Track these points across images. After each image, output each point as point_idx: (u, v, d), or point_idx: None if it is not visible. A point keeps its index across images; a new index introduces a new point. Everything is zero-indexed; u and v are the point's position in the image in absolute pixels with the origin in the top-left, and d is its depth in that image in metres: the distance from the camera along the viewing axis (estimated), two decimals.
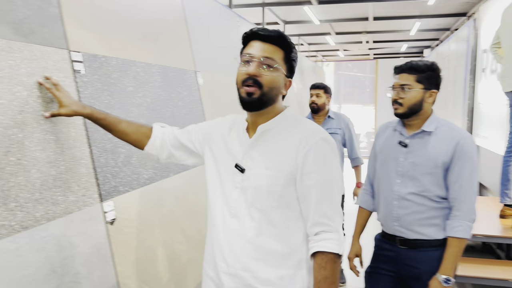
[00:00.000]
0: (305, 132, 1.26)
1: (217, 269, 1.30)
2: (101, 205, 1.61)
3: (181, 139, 1.48)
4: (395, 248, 1.88)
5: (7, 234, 1.20)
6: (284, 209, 1.26)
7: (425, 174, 1.78)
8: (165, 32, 2.39)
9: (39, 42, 1.43)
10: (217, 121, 1.47)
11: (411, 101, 1.78)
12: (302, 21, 7.57)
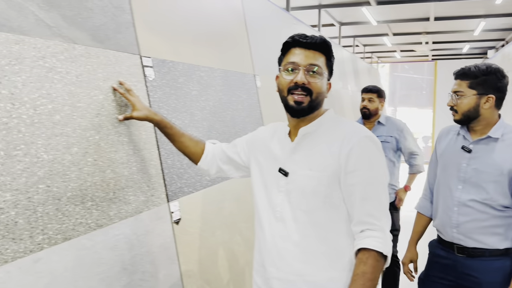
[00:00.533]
0: (347, 131, 1.26)
1: (266, 275, 1.30)
2: (168, 205, 1.66)
3: (228, 153, 1.51)
4: (452, 256, 1.81)
5: (84, 231, 1.26)
6: (329, 210, 1.24)
7: (490, 182, 1.70)
8: (226, 36, 2.43)
9: (114, 48, 1.50)
10: (260, 130, 1.51)
11: (464, 108, 1.75)
12: (359, 22, 7.42)
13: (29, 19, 1.20)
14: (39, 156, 1.15)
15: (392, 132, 3.18)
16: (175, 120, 1.79)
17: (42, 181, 1.15)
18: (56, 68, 1.25)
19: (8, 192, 1.06)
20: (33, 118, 1.16)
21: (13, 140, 1.09)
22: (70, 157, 1.24)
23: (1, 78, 1.09)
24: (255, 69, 2.76)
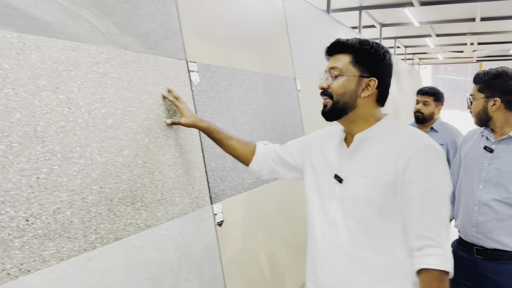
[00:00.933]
0: (406, 138, 1.21)
1: (318, 282, 1.30)
2: (212, 207, 1.68)
3: (282, 154, 1.51)
4: (472, 257, 1.81)
5: (134, 231, 1.30)
6: (385, 221, 1.21)
7: (510, 181, 1.71)
8: (268, 40, 2.44)
9: (162, 54, 1.54)
10: (315, 134, 1.49)
11: (474, 111, 1.85)
12: (400, 24, 7.26)
13: (84, 26, 1.26)
14: (93, 158, 1.20)
15: (445, 139, 2.94)
16: (219, 123, 1.82)
17: (96, 182, 1.20)
18: (109, 74, 1.30)
19: (65, 193, 1.12)
20: (87, 121, 1.21)
21: (69, 143, 1.15)
22: (121, 159, 1.29)
23: (59, 83, 1.15)
24: (296, 72, 2.76)
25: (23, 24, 1.08)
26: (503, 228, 1.72)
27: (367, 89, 1.24)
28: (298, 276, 2.31)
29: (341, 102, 1.25)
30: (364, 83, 1.25)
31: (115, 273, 1.22)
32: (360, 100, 1.26)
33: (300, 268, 2.32)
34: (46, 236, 1.05)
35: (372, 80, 1.24)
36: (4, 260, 0.96)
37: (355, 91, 1.25)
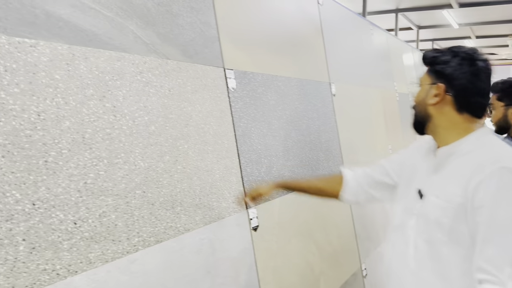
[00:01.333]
0: (483, 158, 1.10)
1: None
2: (247, 212, 1.71)
3: (376, 176, 1.45)
4: None
5: (173, 235, 1.34)
6: (454, 246, 1.12)
7: None
8: (303, 46, 2.45)
9: (201, 62, 1.58)
10: (413, 145, 1.43)
11: (494, 119, 1.89)
12: (438, 26, 7.09)
13: (128, 37, 1.31)
14: (136, 164, 1.25)
15: None
16: (254, 129, 1.84)
17: (139, 187, 1.25)
18: (151, 83, 1.35)
19: (110, 197, 1.17)
20: (132, 129, 1.26)
21: (115, 149, 1.20)
22: (162, 165, 1.33)
23: (105, 92, 1.20)
24: (331, 76, 2.75)
25: (72, 36, 1.14)
26: None
27: (437, 96, 1.18)
28: (332, 283, 2.30)
29: (417, 113, 1.24)
30: (432, 89, 1.19)
31: (156, 275, 1.26)
32: (432, 109, 1.20)
33: (334, 275, 2.31)
34: (92, 238, 1.10)
35: (438, 85, 1.17)
36: (54, 261, 1.01)
37: (424, 99, 1.21)
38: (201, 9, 1.62)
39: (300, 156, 2.19)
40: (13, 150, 0.96)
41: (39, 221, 0.99)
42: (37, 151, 1.01)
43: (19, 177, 0.96)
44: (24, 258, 0.95)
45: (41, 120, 1.03)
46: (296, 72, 2.30)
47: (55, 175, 1.04)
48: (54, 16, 1.10)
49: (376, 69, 3.75)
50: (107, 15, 1.24)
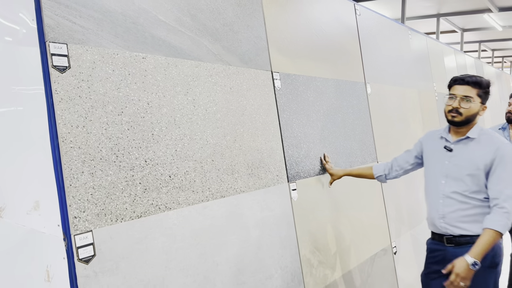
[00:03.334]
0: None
1: None
2: (288, 185, 2.18)
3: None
4: (443, 247, 2.06)
5: (233, 193, 1.84)
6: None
7: (468, 175, 1.96)
8: (340, 51, 2.88)
9: (254, 67, 2.08)
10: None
11: (470, 112, 2.00)
12: (483, 28, 7.19)
13: (203, 50, 1.83)
14: (208, 140, 1.76)
15: None
16: (295, 120, 2.31)
17: (209, 156, 1.76)
18: (218, 83, 1.86)
19: (191, 162, 1.68)
20: (205, 115, 1.77)
21: (194, 129, 1.71)
22: (225, 142, 1.84)
23: (188, 89, 1.72)
24: (366, 77, 3.16)
25: (167, 51, 1.67)
26: (466, 217, 1.98)
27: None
28: (362, 251, 2.71)
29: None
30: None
31: (220, 220, 1.77)
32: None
33: (364, 246, 2.72)
34: (180, 188, 1.62)
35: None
36: (157, 200, 1.54)
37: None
38: (254, 26, 2.12)
39: (335, 144, 2.63)
40: (134, 125, 1.50)
41: (149, 172, 1.52)
42: (147, 127, 1.54)
43: (137, 143, 1.50)
44: (140, 195, 1.48)
45: (149, 107, 1.56)
46: (333, 74, 2.74)
47: (158, 143, 1.57)
48: (156, 37, 1.63)
49: (414, 70, 4.08)
50: (189, 35, 1.77)
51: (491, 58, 9.75)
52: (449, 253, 2.05)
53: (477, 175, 1.96)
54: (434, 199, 2.11)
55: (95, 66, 1.38)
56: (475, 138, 2.01)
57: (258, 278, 1.89)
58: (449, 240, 2.05)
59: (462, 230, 2.00)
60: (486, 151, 1.96)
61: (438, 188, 2.08)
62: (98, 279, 1.29)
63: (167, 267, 1.51)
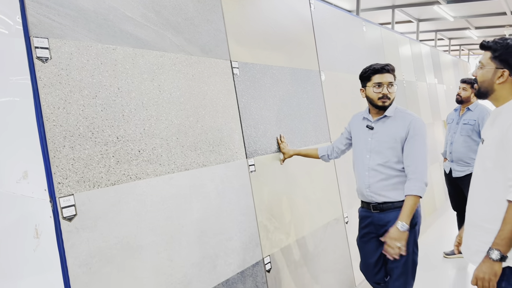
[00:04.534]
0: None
1: None
2: (247, 160, 2.47)
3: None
4: (370, 213, 2.42)
5: (196, 167, 2.12)
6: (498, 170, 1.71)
7: (388, 148, 2.30)
8: (295, 42, 3.18)
9: (214, 57, 2.34)
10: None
11: (394, 95, 2.37)
12: (437, 18, 7.63)
13: (166, 42, 2.08)
14: (172, 121, 2.03)
15: (476, 117, 3.82)
16: (253, 104, 2.59)
17: (174, 135, 2.03)
18: (181, 71, 2.12)
19: (158, 139, 1.95)
20: (169, 99, 2.03)
21: (160, 110, 1.98)
22: (188, 123, 2.11)
23: (154, 76, 1.98)
24: (321, 66, 3.47)
25: (135, 43, 1.92)
26: (388, 185, 2.32)
27: (502, 77, 1.70)
28: (316, 220, 3.04)
29: (483, 87, 1.76)
30: (498, 72, 1.70)
31: (185, 189, 2.04)
32: (496, 86, 1.72)
33: (318, 215, 3.06)
34: (148, 161, 1.89)
35: (504, 71, 1.69)
36: (128, 171, 1.80)
37: (491, 79, 1.72)
38: (214, 20, 2.38)
39: (290, 126, 2.93)
40: (107, 107, 1.75)
41: (120, 147, 1.78)
42: (118, 109, 1.80)
43: (110, 122, 1.75)
44: (113, 166, 1.74)
45: (120, 91, 1.82)
46: (288, 63, 3.04)
47: (128, 123, 1.82)
48: (125, 31, 1.88)
49: (368, 59, 4.42)
50: (154, 29, 2.02)
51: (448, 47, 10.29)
52: (375, 218, 2.41)
53: (396, 148, 2.30)
54: (361, 172, 2.44)
55: (72, 57, 1.62)
56: (391, 116, 2.35)
57: (219, 239, 2.19)
58: (374, 207, 2.40)
59: (385, 198, 2.35)
60: (401, 126, 2.30)
61: (364, 162, 2.41)
62: (79, 234, 1.56)
63: (138, 226, 1.78)
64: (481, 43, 1.80)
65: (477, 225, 1.79)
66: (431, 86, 6.68)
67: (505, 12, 7.06)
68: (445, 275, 3.87)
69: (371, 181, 2.38)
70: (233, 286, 2.23)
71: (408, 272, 2.34)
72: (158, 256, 1.86)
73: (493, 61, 1.73)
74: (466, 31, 9.03)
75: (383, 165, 2.33)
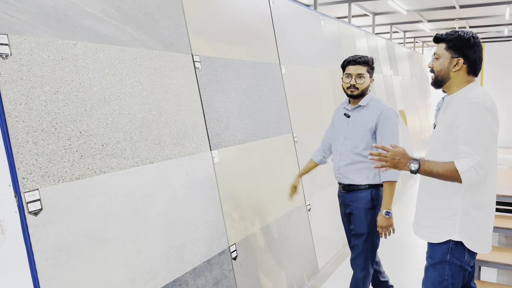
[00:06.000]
0: (463, 99, 1.84)
1: None
2: (211, 153, 2.53)
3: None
4: (341, 194, 2.65)
5: (160, 160, 2.16)
6: (447, 151, 1.89)
7: (358, 135, 2.49)
8: (256, 36, 3.25)
9: (175, 51, 2.38)
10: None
11: (363, 86, 2.52)
12: (391, 12, 7.91)
13: (127, 36, 2.10)
14: (135, 115, 2.06)
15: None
16: (216, 97, 2.65)
17: (138, 128, 2.06)
18: (143, 65, 2.15)
19: (121, 133, 1.97)
20: (132, 93, 2.06)
21: (122, 104, 2.00)
22: (151, 117, 2.14)
23: (115, 71, 2.00)
24: (281, 59, 3.56)
25: (96, 38, 1.93)
26: (353, 170, 2.52)
27: (457, 65, 1.87)
28: (279, 209, 3.15)
29: (439, 76, 1.92)
30: (453, 61, 1.87)
31: (150, 181, 2.08)
32: (452, 74, 1.88)
33: (280, 204, 3.16)
34: (112, 155, 1.92)
35: (458, 59, 1.86)
36: (93, 165, 1.82)
37: (447, 68, 1.89)
38: (174, 14, 2.42)
39: (252, 118, 3.01)
40: (69, 102, 1.76)
41: (84, 142, 1.80)
42: (80, 103, 1.81)
43: (72, 117, 1.77)
44: (77, 160, 1.76)
45: (81, 86, 1.83)
46: (249, 56, 3.11)
47: (90, 117, 1.84)
48: (85, 26, 1.89)
49: (326, 52, 4.56)
50: (114, 24, 2.03)
51: (403, 39, 10.67)
52: (344, 197, 2.62)
53: (366, 135, 2.47)
54: (335, 155, 2.64)
55: (32, 52, 1.63)
56: (365, 105, 2.53)
57: (186, 230, 2.24)
58: (343, 187, 2.61)
59: (350, 180, 2.53)
60: (372, 115, 2.48)
61: (338, 147, 2.60)
62: (46, 228, 1.57)
63: (104, 219, 1.81)
64: (435, 36, 1.97)
65: (424, 202, 1.95)
66: (386, 77, 6.94)
67: (454, 6, 7.41)
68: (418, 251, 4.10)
69: (340, 164, 2.57)
70: (200, 274, 2.29)
71: (367, 251, 2.52)
72: (125, 248, 1.89)
73: (448, 51, 1.90)
74: (419, 24, 9.39)
75: (352, 151, 2.52)
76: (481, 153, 1.73)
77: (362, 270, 2.54)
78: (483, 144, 1.74)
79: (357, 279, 2.56)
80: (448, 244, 1.86)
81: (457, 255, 1.86)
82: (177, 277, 2.15)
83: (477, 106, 1.76)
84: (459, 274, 1.88)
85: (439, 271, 1.89)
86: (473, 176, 1.72)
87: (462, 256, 1.86)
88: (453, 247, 1.85)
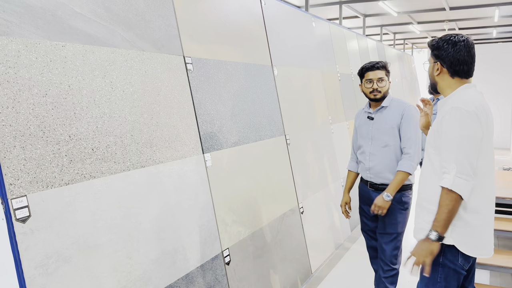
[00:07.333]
0: (448, 104, 1.86)
1: None
2: (203, 156, 2.49)
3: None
4: (367, 189, 2.81)
5: (152, 163, 2.11)
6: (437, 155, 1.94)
7: (385, 134, 2.66)
8: (248, 38, 3.22)
9: (167, 52, 2.34)
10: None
11: (385, 89, 2.75)
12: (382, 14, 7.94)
13: (117, 38, 2.05)
14: (126, 118, 2.01)
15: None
16: (208, 99, 2.61)
17: (129, 132, 2.01)
18: (134, 66, 2.10)
19: (112, 136, 1.93)
20: (122, 96, 2.01)
21: (113, 108, 1.95)
22: (143, 120, 2.10)
23: (106, 73, 1.95)
24: (273, 61, 3.53)
25: (85, 39, 1.88)
26: (387, 168, 2.68)
27: (438, 69, 1.93)
28: (273, 212, 3.12)
29: (430, 80, 2.01)
30: (435, 66, 1.94)
31: (142, 186, 2.04)
32: (436, 78, 1.95)
33: (274, 207, 3.13)
34: (103, 159, 1.87)
35: (436, 63, 1.94)
36: (82, 170, 1.77)
37: (432, 73, 1.98)
38: (165, 15, 2.37)
39: (245, 120, 2.98)
40: (58, 105, 1.71)
41: (73, 146, 1.75)
42: (70, 107, 1.76)
43: (61, 121, 1.72)
44: (67, 165, 1.71)
45: (70, 89, 1.78)
46: (241, 58, 3.07)
47: (80, 121, 1.79)
48: (74, 28, 1.84)
49: (318, 54, 4.55)
50: (104, 25, 1.99)
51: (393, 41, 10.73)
52: (371, 194, 2.82)
53: (393, 133, 2.65)
54: (364, 157, 2.82)
55: (19, 54, 1.57)
56: (388, 106, 2.72)
57: (178, 235, 2.20)
58: (372, 185, 2.80)
59: (384, 179, 2.72)
60: (397, 112, 2.67)
61: (366, 149, 2.79)
62: (34, 236, 1.52)
63: (94, 226, 1.76)
64: (427, 43, 2.06)
65: (421, 205, 1.96)
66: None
67: (444, 8, 7.46)
68: None
69: (371, 164, 2.76)
70: (193, 280, 2.25)
71: (398, 249, 2.76)
72: (116, 254, 1.85)
73: (432, 57, 1.99)
74: (409, 25, 9.45)
75: (381, 150, 2.70)
76: (458, 160, 1.74)
77: (396, 263, 2.79)
78: (461, 150, 1.75)
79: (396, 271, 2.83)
80: (443, 247, 1.86)
81: (450, 258, 1.86)
82: (170, 283, 2.10)
83: (458, 111, 1.77)
84: (453, 277, 1.88)
85: (432, 274, 1.89)
86: (462, 184, 1.74)
87: (455, 259, 1.86)
88: (446, 250, 1.86)
